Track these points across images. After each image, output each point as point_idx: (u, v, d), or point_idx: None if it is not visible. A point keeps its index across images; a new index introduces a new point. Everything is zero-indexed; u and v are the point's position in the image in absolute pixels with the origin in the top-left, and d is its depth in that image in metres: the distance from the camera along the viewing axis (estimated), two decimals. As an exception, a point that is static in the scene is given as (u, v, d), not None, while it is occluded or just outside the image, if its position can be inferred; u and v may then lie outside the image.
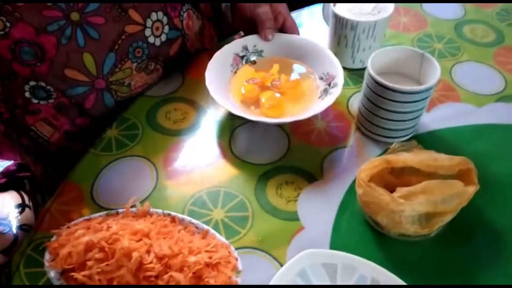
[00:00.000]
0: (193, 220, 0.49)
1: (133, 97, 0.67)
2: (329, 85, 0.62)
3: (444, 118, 0.63)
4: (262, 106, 0.62)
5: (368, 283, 0.45)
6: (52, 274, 0.44)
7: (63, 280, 0.44)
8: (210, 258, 0.43)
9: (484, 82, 0.68)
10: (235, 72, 0.67)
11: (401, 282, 0.44)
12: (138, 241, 0.44)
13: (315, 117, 0.64)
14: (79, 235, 0.45)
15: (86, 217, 0.49)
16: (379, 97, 0.55)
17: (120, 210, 0.49)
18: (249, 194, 0.55)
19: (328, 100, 0.59)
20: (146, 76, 0.66)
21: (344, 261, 0.46)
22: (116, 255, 0.42)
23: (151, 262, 0.42)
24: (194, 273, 0.42)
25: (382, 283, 0.44)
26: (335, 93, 0.59)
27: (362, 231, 0.51)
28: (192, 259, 0.42)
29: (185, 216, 0.49)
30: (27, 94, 0.57)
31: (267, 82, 0.65)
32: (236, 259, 0.45)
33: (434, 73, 0.55)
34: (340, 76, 0.61)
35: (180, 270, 0.42)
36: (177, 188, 0.56)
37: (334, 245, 0.50)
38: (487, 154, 0.58)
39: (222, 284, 0.42)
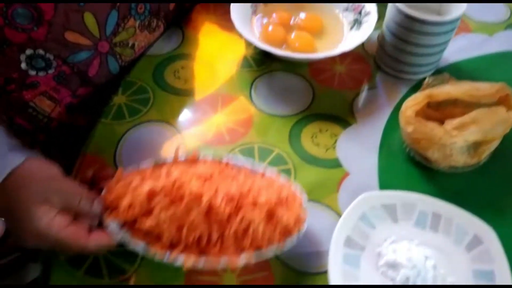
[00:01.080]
0: (247, 162, 0.46)
1: (134, 59, 0.61)
2: (359, 13, 0.61)
3: (460, 49, 0.63)
4: (292, 44, 0.59)
5: (429, 218, 0.44)
6: (112, 226, 0.41)
7: (124, 232, 0.41)
8: (279, 196, 0.42)
9: (489, 11, 0.68)
10: (255, 12, 0.64)
11: (461, 211, 0.44)
12: (203, 185, 0.41)
13: (333, 61, 0.61)
14: (137, 184, 0.41)
15: (134, 168, 0.45)
16: (407, 31, 0.53)
17: (168, 159, 0.46)
18: (284, 146, 0.52)
19: (368, 28, 0.58)
20: (149, 35, 0.60)
21: (402, 200, 0.45)
22: (185, 200, 0.39)
23: (220, 205, 0.40)
24: (266, 211, 0.40)
25: (443, 215, 0.44)
26: (372, 20, 0.58)
27: (408, 168, 0.50)
28: (263, 197, 0.41)
29: (238, 158, 0.46)
30: (23, 66, 0.50)
31: (288, 20, 0.62)
32: (301, 195, 0.44)
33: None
34: (371, 4, 0.60)
35: (252, 210, 0.40)
36: (208, 149, 0.52)
37: (383, 187, 0.49)
38: (508, 81, 0.58)
39: (294, 220, 0.41)
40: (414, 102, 0.48)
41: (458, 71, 0.60)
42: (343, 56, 0.61)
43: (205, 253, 0.40)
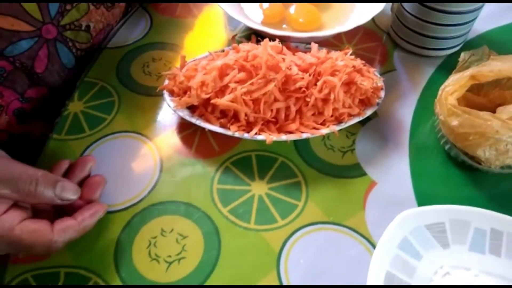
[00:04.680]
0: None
1: (94, 49, 0.49)
2: None
3: (489, 16, 0.52)
4: (293, 20, 0.49)
5: (487, 238, 0.34)
6: (182, 113, 0.40)
7: (197, 117, 0.40)
8: (352, 64, 0.39)
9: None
10: None
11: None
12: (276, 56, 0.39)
13: (339, 39, 0.50)
14: (206, 63, 0.40)
15: (190, 60, 0.44)
16: (434, -4, 0.42)
17: (226, 48, 0.44)
18: (290, 153, 0.41)
19: None
20: (107, 13, 0.48)
21: (452, 215, 0.35)
22: (263, 69, 0.37)
23: (297, 74, 0.38)
24: (346, 77, 0.38)
25: (505, 232, 0.34)
26: None
27: (450, 171, 0.40)
28: (340, 63, 0.39)
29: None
30: None
31: None
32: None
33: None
34: None
35: (332, 74, 0.38)
36: (191, 165, 0.41)
37: (420, 197, 0.38)
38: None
39: (371, 88, 0.40)
40: (456, 87, 0.37)
41: (492, 42, 0.49)
42: (350, 33, 0.49)
43: (284, 130, 0.39)
